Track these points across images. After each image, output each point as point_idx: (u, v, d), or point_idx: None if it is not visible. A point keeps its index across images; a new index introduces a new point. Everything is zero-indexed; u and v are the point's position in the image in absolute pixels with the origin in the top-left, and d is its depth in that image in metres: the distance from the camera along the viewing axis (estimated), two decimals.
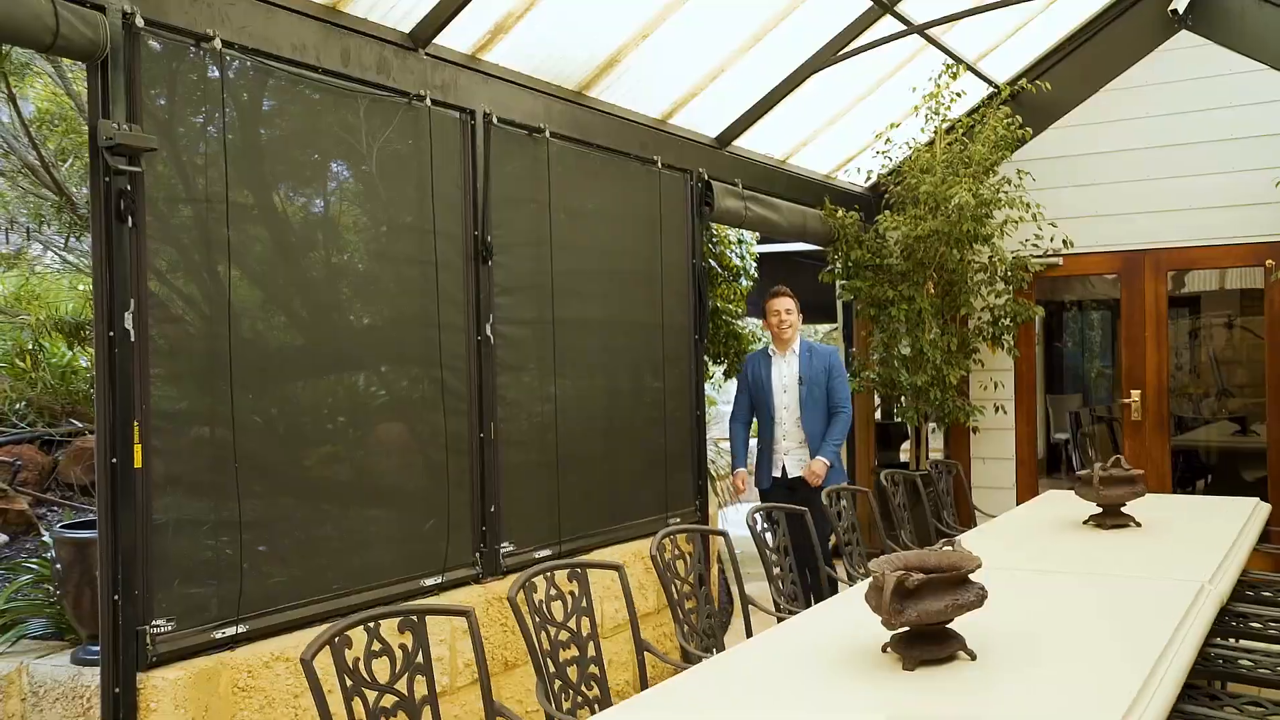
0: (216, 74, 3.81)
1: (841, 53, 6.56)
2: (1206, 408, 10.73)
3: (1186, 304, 10.29)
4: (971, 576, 2.88)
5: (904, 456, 9.53)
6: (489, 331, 4.95)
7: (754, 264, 8.58)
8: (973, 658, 2.83)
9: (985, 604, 2.83)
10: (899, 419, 8.33)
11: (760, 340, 9.35)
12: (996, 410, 8.20)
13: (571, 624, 3.34)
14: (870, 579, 2.89)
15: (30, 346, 5.03)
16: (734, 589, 5.46)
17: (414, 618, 2.86)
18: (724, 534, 4.15)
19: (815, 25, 6.36)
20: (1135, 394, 8.06)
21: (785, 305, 6.41)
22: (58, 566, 3.77)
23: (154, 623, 3.56)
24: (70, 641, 3.96)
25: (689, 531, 3.97)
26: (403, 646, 2.79)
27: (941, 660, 2.81)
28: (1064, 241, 7.62)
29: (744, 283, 8.28)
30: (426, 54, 4.69)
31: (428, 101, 4.66)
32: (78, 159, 5.09)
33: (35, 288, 5.63)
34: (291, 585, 4.05)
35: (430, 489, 4.67)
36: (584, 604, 3.40)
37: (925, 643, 2.84)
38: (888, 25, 6.66)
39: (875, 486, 7.09)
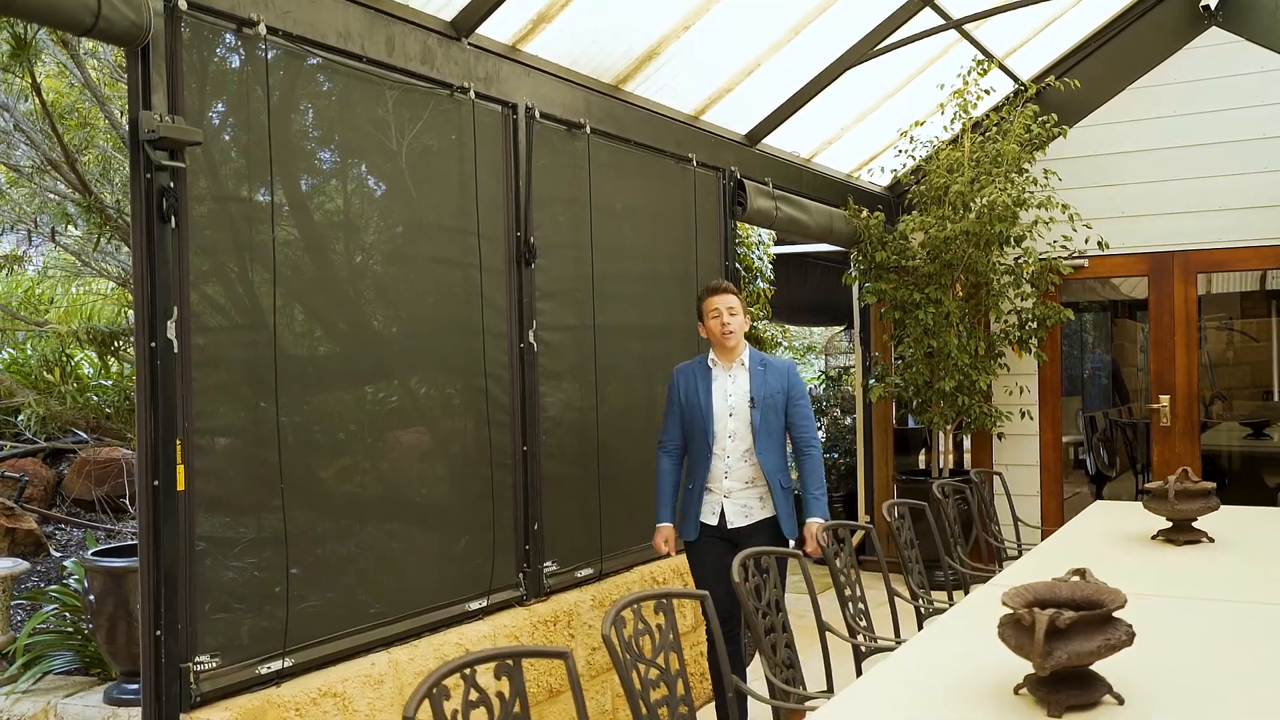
0: (261, 62, 3.52)
1: (879, 47, 6.33)
2: (1215, 411, 10.61)
3: None
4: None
5: (920, 464, 9.32)
6: (531, 339, 4.68)
7: (769, 265, 8.35)
8: (1120, 702, 2.59)
9: None
10: (921, 424, 8.09)
11: (781, 343, 9.13)
12: (1023, 416, 7.99)
13: (660, 660, 3.08)
14: (1009, 614, 2.64)
15: (58, 358, 4.69)
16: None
17: (509, 662, 2.59)
18: (798, 555, 3.91)
19: (853, 19, 6.13)
20: (1165, 399, 7.89)
21: (727, 303, 4.64)
22: (90, 598, 3.46)
23: (198, 659, 3.27)
24: (99, 677, 3.66)
25: (766, 554, 3.71)
26: (500, 695, 2.53)
27: (1088, 706, 2.57)
28: (1099, 243, 7.42)
29: (760, 284, 8.04)
30: (469, 44, 4.42)
31: (471, 94, 4.38)
32: (85, 154, 4.77)
33: (49, 291, 5.30)
34: (336, 614, 3.76)
35: (475, 507, 4.40)
36: (671, 638, 3.14)
37: (1070, 686, 2.59)
38: (924, 20, 6.44)
39: (927, 498, 6.85)
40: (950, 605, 4.92)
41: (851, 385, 9.70)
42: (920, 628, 4.61)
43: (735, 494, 4.63)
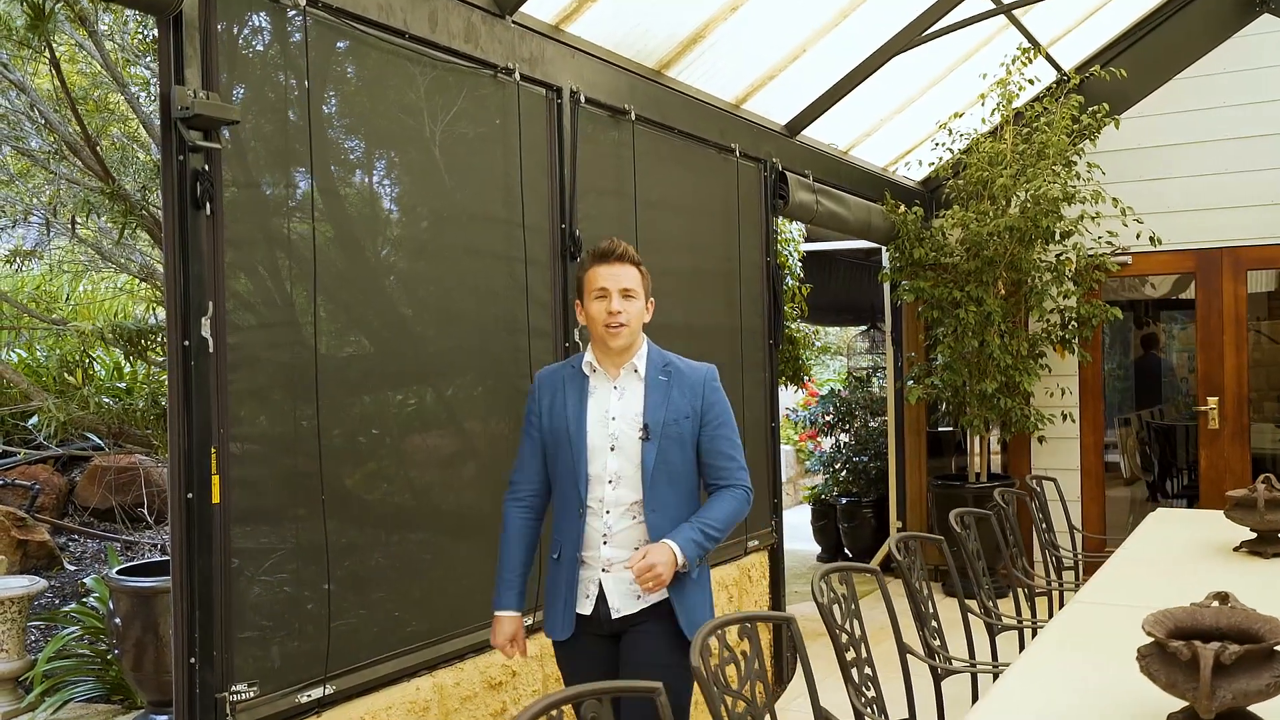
0: (299, 35, 3.23)
1: (927, 32, 6.04)
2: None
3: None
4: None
5: (953, 468, 9.03)
6: (577, 338, 4.40)
7: (799, 262, 8.07)
8: None
9: None
10: (963, 425, 7.78)
11: (814, 344, 8.80)
12: (1065, 419, 7.69)
13: (746, 691, 2.80)
14: (1155, 645, 2.36)
15: (79, 358, 4.41)
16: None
17: (597, 700, 2.31)
18: (876, 572, 3.62)
19: (902, 2, 5.84)
20: (1212, 401, 7.60)
21: (621, 280, 3.04)
22: (116, 620, 3.16)
23: (234, 688, 2.98)
24: (124, 705, 3.37)
25: (843, 571, 3.43)
26: None
27: None
28: (1152, 239, 7.13)
29: (790, 282, 7.75)
30: (514, 21, 4.13)
31: (516, 76, 4.09)
32: (102, 140, 4.47)
33: (60, 289, 5.02)
34: (378, 636, 3.47)
35: None
36: (756, 666, 2.86)
37: None
38: (972, 5, 6.16)
39: (967, 504, 6.56)
40: (1018, 620, 4.65)
41: (881, 387, 9.41)
42: (993, 645, 4.34)
43: (617, 566, 3.06)
